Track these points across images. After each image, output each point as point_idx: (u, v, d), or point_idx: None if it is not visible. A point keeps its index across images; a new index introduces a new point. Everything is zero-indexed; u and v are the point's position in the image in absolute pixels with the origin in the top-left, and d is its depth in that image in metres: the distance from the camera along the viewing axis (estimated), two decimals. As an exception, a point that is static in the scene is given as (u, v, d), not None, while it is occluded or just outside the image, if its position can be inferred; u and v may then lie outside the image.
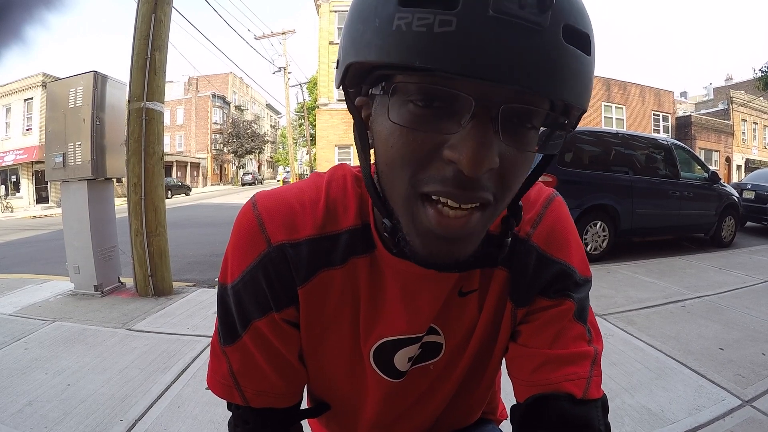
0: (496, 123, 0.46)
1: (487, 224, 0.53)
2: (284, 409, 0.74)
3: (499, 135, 0.46)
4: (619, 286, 5.09)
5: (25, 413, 2.43)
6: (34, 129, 25.46)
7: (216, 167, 50.93)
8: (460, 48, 0.41)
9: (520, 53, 0.41)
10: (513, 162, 0.49)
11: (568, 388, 0.65)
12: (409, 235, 0.53)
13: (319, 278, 0.67)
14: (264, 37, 30.01)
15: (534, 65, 0.42)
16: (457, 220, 0.49)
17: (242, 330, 0.68)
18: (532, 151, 0.51)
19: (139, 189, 4.63)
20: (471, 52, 0.41)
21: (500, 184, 0.50)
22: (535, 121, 0.50)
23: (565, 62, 0.44)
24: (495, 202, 0.51)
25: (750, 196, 9.97)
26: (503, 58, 0.41)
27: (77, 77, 4.80)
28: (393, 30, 0.43)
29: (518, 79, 0.42)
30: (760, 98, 32.62)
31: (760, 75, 22.15)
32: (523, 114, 0.48)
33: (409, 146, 0.48)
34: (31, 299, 4.65)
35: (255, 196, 0.69)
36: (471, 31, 0.41)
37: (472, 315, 0.73)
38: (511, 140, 0.48)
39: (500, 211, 0.54)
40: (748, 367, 2.98)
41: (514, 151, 0.49)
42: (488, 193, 0.49)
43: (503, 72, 0.41)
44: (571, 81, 0.45)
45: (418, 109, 0.47)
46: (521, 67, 0.42)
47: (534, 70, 0.42)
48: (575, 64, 0.45)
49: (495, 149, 0.46)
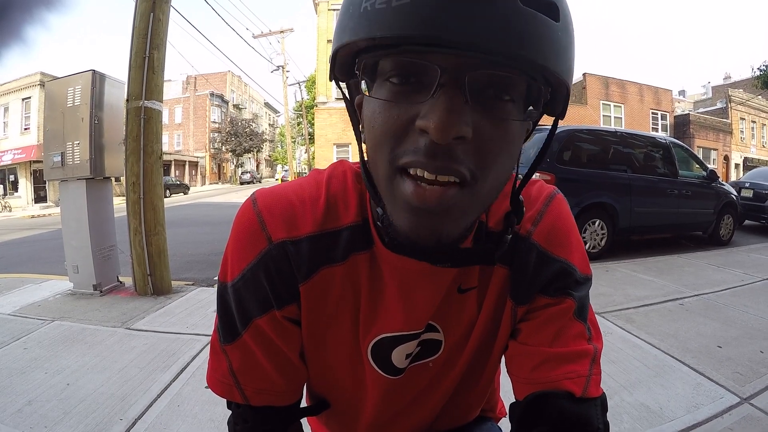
0: (464, 91, 0.47)
1: (469, 204, 0.52)
2: (284, 408, 0.74)
3: (469, 103, 0.47)
4: (617, 284, 5.09)
5: (25, 413, 2.43)
6: (32, 128, 25.41)
7: (214, 166, 50.91)
8: (415, 17, 0.43)
9: (472, 18, 0.43)
10: (490, 135, 0.49)
11: (567, 387, 0.65)
12: (392, 213, 0.54)
13: (320, 275, 0.67)
14: (262, 35, 30.01)
15: (488, 29, 0.43)
16: (433, 191, 0.49)
17: (242, 328, 0.68)
18: (509, 119, 0.50)
19: (137, 188, 4.62)
20: (425, 20, 0.43)
21: (477, 158, 0.49)
22: (512, 93, 0.50)
23: (524, 25, 0.44)
24: (474, 180, 0.50)
25: (748, 194, 9.98)
26: (457, 25, 0.43)
27: (75, 76, 4.79)
28: (360, 11, 0.47)
29: (474, 44, 0.43)
30: (758, 97, 32.66)
31: (759, 74, 22.16)
32: (497, 84, 0.48)
33: (387, 122, 0.50)
34: (29, 299, 4.64)
35: (255, 193, 0.69)
36: (426, 3, 0.43)
37: (471, 312, 0.73)
38: (484, 110, 0.48)
39: (486, 194, 0.53)
40: (746, 364, 2.99)
41: (489, 123, 0.49)
42: (463, 167, 0.49)
43: (458, 36, 0.43)
44: (533, 43, 0.45)
45: (394, 86, 0.50)
46: (476, 31, 0.43)
47: (489, 33, 0.43)
48: (538, 27, 0.45)
49: (465, 118, 0.47)
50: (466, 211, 0.53)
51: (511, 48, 0.44)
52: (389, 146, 0.51)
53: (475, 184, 0.51)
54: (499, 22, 0.43)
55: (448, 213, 0.51)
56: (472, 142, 0.48)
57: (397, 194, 0.52)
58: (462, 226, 0.54)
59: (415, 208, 0.50)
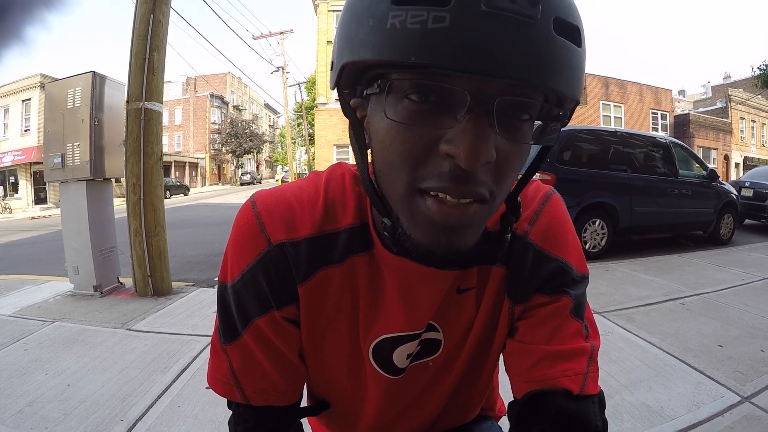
0: (492, 116, 0.46)
1: (486, 218, 0.53)
2: (284, 408, 0.74)
3: (495, 128, 0.46)
4: (618, 284, 5.09)
5: (26, 414, 2.43)
6: (32, 130, 25.43)
7: (214, 167, 50.90)
8: (454, 43, 0.42)
9: (512, 46, 0.42)
10: (508, 155, 0.50)
11: (565, 384, 0.65)
12: (410, 229, 0.53)
13: (318, 276, 0.67)
14: (262, 36, 30.00)
15: (527, 57, 0.43)
16: (456, 208, 0.49)
17: (242, 328, 0.69)
18: (528, 143, 0.51)
19: (137, 189, 4.62)
20: (465, 46, 0.42)
21: (496, 178, 0.50)
22: (530, 113, 0.50)
23: (557, 54, 0.45)
24: (491, 197, 0.51)
25: (748, 193, 9.97)
26: (496, 52, 0.42)
27: (75, 78, 4.79)
28: (387, 28, 0.44)
29: (511, 71, 0.43)
30: (758, 96, 32.64)
31: (759, 73, 22.18)
32: (518, 106, 0.48)
33: (407, 143, 0.49)
34: (30, 300, 4.65)
35: (254, 195, 0.69)
36: (464, 26, 0.41)
37: (470, 312, 0.73)
38: (507, 133, 0.48)
39: (498, 206, 0.54)
40: (747, 363, 2.99)
41: (510, 144, 0.49)
42: (484, 188, 0.49)
43: (497, 65, 0.42)
44: (563, 72, 0.46)
45: (414, 105, 0.48)
46: (514, 59, 0.42)
47: (527, 62, 0.43)
48: (567, 56, 0.46)
49: (491, 142, 0.47)
50: (482, 223, 0.54)
51: (547, 80, 0.45)
52: (409, 167, 0.50)
53: (493, 201, 0.52)
54: (534, 49, 0.43)
55: (467, 227, 0.52)
56: (493, 163, 0.49)
57: (417, 212, 0.51)
58: (477, 236, 0.55)
59: (437, 224, 0.51)
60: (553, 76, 0.45)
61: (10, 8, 1.28)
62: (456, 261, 0.59)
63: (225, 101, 52.13)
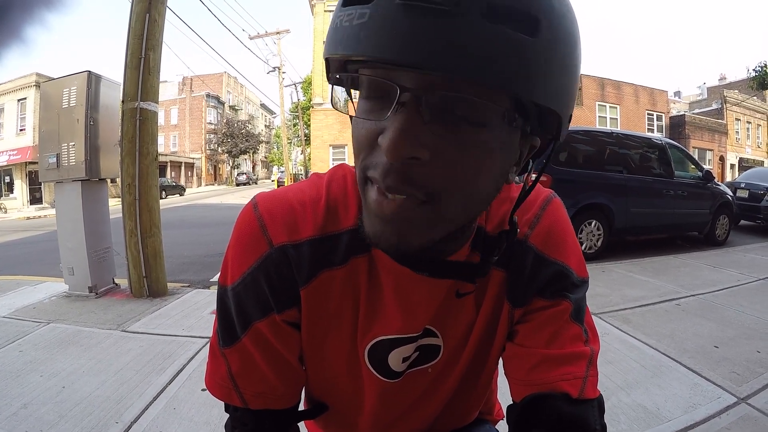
0: (424, 112, 0.46)
1: (433, 220, 0.51)
2: (283, 411, 0.74)
3: (427, 124, 0.46)
4: (614, 284, 5.10)
5: (20, 416, 2.41)
6: (27, 129, 25.36)
7: (210, 167, 50.89)
8: (371, 36, 0.43)
9: (427, 36, 0.41)
10: (453, 157, 0.47)
11: (564, 388, 0.65)
12: (364, 218, 0.55)
13: (320, 279, 0.67)
14: (258, 36, 29.96)
15: (445, 48, 0.41)
16: (391, 202, 0.50)
17: (242, 332, 0.68)
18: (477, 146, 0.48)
19: (133, 189, 4.61)
20: (380, 38, 0.43)
21: (439, 180, 0.48)
22: (485, 116, 0.47)
23: (480, 43, 0.41)
24: (432, 200, 0.49)
25: (744, 194, 10.03)
26: (410, 43, 0.41)
27: (71, 77, 4.77)
28: (335, 27, 0.48)
29: (427, 65, 0.42)
30: (753, 98, 32.82)
31: (754, 75, 22.32)
32: (465, 105, 0.46)
33: (360, 135, 0.51)
34: (25, 301, 4.63)
35: (256, 197, 0.69)
36: (380, 19, 0.43)
37: (469, 316, 0.73)
38: (446, 131, 0.47)
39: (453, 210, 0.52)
40: (743, 364, 3.00)
41: (454, 146, 0.47)
42: (416, 188, 0.48)
43: (411, 57, 0.42)
44: (496, 63, 0.42)
45: (366, 100, 0.51)
46: (430, 51, 0.41)
47: (446, 53, 0.41)
48: (503, 46, 0.42)
49: (422, 139, 0.46)
50: (429, 225, 0.52)
51: (468, 69, 0.42)
52: (361, 157, 0.52)
53: (437, 204, 0.50)
54: (456, 40, 0.41)
55: (406, 223, 0.51)
56: (431, 164, 0.47)
57: (366, 201, 0.53)
58: (426, 238, 0.53)
59: (377, 215, 0.52)
60: (479, 66, 0.42)
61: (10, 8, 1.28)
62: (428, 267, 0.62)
63: (221, 101, 52.13)
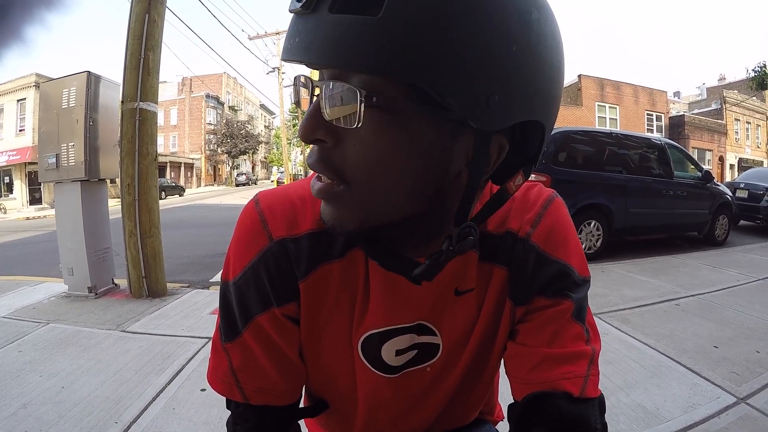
0: (323, 100, 0.51)
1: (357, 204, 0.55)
2: (284, 407, 0.74)
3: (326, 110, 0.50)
4: (613, 285, 5.11)
5: (20, 416, 2.41)
6: (27, 130, 25.38)
7: (210, 168, 50.89)
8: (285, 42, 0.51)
9: (303, 36, 0.48)
10: (355, 141, 0.51)
11: (565, 387, 0.65)
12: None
13: (319, 272, 0.68)
14: (258, 37, 29.97)
15: (311, 44, 0.47)
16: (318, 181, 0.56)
17: (243, 326, 0.69)
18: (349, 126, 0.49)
19: (132, 190, 4.61)
20: (285, 44, 0.51)
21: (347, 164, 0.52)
22: (352, 97, 0.48)
23: (329, 33, 0.46)
24: (346, 183, 0.53)
25: (743, 194, 10.04)
26: (297, 44, 0.48)
27: (70, 77, 4.77)
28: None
29: (305, 58, 0.48)
30: (753, 98, 32.84)
31: (753, 75, 22.35)
32: (336, 90, 0.50)
33: None
34: (24, 301, 4.63)
35: (258, 194, 0.70)
36: (289, 28, 0.51)
37: (470, 314, 0.73)
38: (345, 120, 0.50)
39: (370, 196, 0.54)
40: (742, 364, 3.00)
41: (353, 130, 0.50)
42: (329, 171, 0.53)
43: (294, 56, 0.49)
44: (343, 48, 0.45)
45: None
46: (303, 48, 0.48)
47: (313, 48, 0.47)
48: (342, 31, 0.45)
49: (319, 122, 0.51)
50: (355, 210, 0.55)
51: (323, 58, 0.47)
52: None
53: (352, 188, 0.53)
54: (313, 36, 0.47)
55: (333, 204, 0.56)
56: (338, 149, 0.52)
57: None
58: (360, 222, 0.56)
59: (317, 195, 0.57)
60: (336, 53, 0.46)
61: (10, 8, 1.28)
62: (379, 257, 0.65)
63: (220, 102, 52.16)
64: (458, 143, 0.52)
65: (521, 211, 0.71)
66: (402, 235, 0.62)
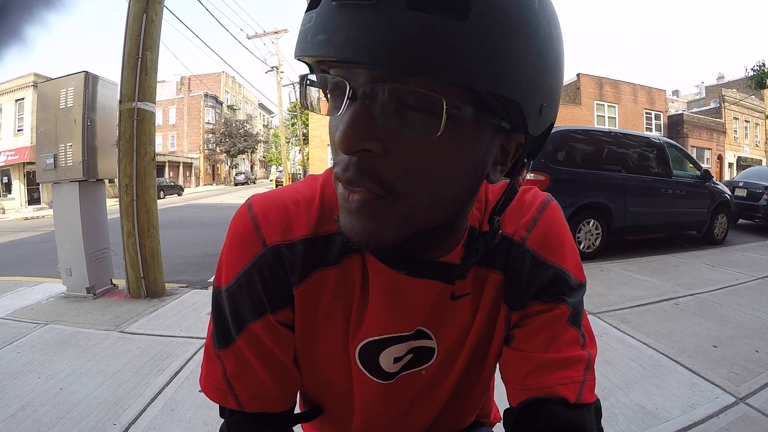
0: (373, 105, 0.47)
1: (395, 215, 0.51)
2: (278, 414, 0.73)
3: (377, 117, 0.47)
4: (612, 284, 5.11)
5: (18, 418, 2.41)
6: (25, 130, 25.36)
7: (208, 167, 50.89)
8: (314, 36, 0.46)
9: (358, 32, 0.42)
10: (405, 149, 0.48)
11: (561, 392, 0.65)
12: (339, 215, 0.55)
13: (313, 278, 0.67)
14: (256, 36, 29.95)
15: (373, 41, 0.42)
16: (354, 195, 0.50)
17: (236, 333, 0.68)
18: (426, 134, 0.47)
19: (130, 190, 4.60)
20: (321, 38, 0.45)
21: (394, 172, 0.49)
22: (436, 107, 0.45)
23: (408, 32, 0.41)
24: (391, 194, 0.49)
25: (742, 193, 10.05)
26: (345, 40, 0.43)
27: (68, 77, 4.76)
28: (298, 32, 0.49)
29: (359, 59, 0.43)
30: (751, 96, 32.86)
31: (752, 74, 22.37)
32: (414, 97, 0.46)
33: (330, 134, 0.52)
34: (22, 302, 4.62)
35: (250, 198, 0.69)
36: (321, 21, 0.45)
37: (465, 319, 0.72)
38: (398, 124, 0.47)
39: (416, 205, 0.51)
40: (741, 364, 3.00)
41: (405, 137, 0.47)
42: (373, 181, 0.49)
43: (344, 54, 0.43)
44: (422, 52, 0.42)
45: (331, 99, 0.52)
46: (361, 45, 0.42)
47: (375, 46, 0.42)
48: (426, 32, 0.41)
49: (372, 131, 0.47)
50: (394, 220, 0.52)
51: (392, 60, 0.42)
52: (333, 155, 0.53)
53: (396, 198, 0.50)
54: (380, 32, 0.42)
55: (370, 218, 0.51)
56: (385, 157, 0.48)
57: (338, 196, 0.54)
58: (395, 234, 0.53)
59: (344, 209, 0.53)
60: (406, 55, 0.41)
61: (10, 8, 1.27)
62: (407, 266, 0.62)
63: (219, 101, 52.14)
64: (496, 146, 0.54)
65: (516, 216, 0.71)
66: (428, 240, 0.61)
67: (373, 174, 0.49)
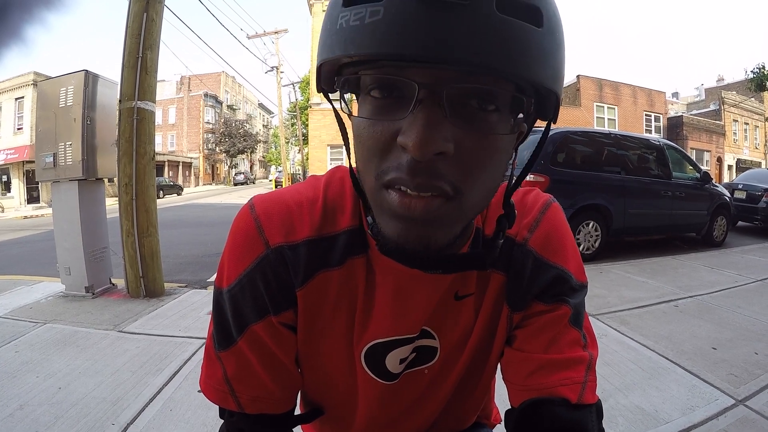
0: (444, 106, 0.46)
1: (456, 215, 0.52)
2: (279, 415, 0.73)
3: (448, 117, 0.46)
4: (611, 285, 5.11)
5: (17, 417, 2.40)
6: (25, 128, 25.33)
7: (208, 167, 50.90)
8: (387, 33, 0.43)
9: (444, 30, 0.42)
10: (472, 148, 0.48)
11: (563, 393, 0.65)
12: (381, 224, 0.54)
13: (317, 280, 0.66)
14: (256, 36, 29.93)
15: (462, 41, 0.42)
16: (418, 201, 0.49)
17: (238, 335, 0.67)
18: (495, 133, 0.49)
19: (130, 189, 4.60)
20: (396, 35, 0.43)
21: (461, 172, 0.49)
22: (496, 103, 0.49)
23: (501, 34, 0.43)
24: (458, 193, 0.49)
25: (741, 195, 10.06)
26: (428, 37, 0.42)
27: (68, 76, 4.76)
28: (337, 29, 0.47)
29: (448, 59, 0.42)
30: (751, 99, 32.89)
31: (752, 76, 22.39)
32: (479, 95, 0.47)
33: (371, 138, 0.50)
34: (21, 301, 4.61)
35: (253, 199, 0.68)
36: (396, 16, 0.43)
37: (468, 319, 0.72)
38: (466, 123, 0.47)
39: (472, 204, 0.53)
40: (740, 366, 3.00)
41: (472, 137, 0.48)
42: (445, 182, 0.48)
43: (431, 53, 0.42)
44: (510, 54, 0.44)
45: (375, 100, 0.50)
46: (449, 45, 0.42)
47: (463, 46, 0.42)
48: (516, 36, 0.44)
49: (444, 132, 0.46)
50: (454, 221, 0.53)
51: (487, 60, 0.43)
52: (374, 162, 0.51)
53: (461, 197, 0.50)
54: (473, 33, 0.42)
55: (434, 222, 0.50)
56: (455, 158, 0.48)
57: (384, 205, 0.51)
58: (451, 235, 0.54)
59: (402, 217, 0.50)
60: (497, 56, 0.43)
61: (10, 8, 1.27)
62: (441, 264, 0.59)
63: (219, 101, 52.15)
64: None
65: (519, 216, 0.70)
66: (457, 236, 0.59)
67: (445, 177, 0.48)
